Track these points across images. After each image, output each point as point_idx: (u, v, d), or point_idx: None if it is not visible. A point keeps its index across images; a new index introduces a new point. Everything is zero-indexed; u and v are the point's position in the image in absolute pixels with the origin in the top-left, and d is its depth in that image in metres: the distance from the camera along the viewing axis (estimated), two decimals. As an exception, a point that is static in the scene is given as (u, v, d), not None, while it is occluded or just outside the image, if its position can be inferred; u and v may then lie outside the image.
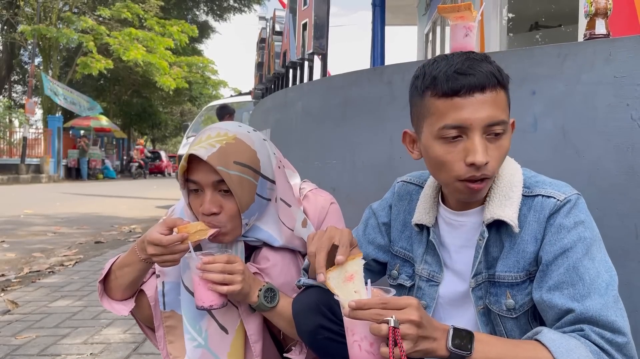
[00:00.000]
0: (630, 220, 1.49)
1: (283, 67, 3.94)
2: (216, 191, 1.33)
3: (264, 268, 1.42)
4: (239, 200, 1.31)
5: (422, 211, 1.25)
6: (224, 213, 1.33)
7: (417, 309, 0.95)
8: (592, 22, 1.65)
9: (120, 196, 11.86)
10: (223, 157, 1.29)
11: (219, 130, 1.36)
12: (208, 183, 1.31)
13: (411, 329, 0.94)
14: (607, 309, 1.00)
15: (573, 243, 1.06)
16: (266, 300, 1.34)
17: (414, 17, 9.32)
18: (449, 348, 0.97)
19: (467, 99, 1.05)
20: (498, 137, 1.07)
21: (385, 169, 2.11)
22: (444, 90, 1.06)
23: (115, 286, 1.42)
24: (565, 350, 0.96)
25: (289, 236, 1.43)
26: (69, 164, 21.62)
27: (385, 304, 0.95)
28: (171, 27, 21.85)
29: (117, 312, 1.44)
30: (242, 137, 1.36)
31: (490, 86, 1.05)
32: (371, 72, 2.33)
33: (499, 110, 1.06)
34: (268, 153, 1.41)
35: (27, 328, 2.58)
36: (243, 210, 1.33)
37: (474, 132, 1.05)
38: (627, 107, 1.50)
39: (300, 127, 2.89)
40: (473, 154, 1.05)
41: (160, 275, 1.46)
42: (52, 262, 4.27)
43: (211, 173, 1.30)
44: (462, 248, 1.21)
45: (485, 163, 1.05)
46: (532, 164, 1.25)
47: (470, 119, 1.05)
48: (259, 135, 1.43)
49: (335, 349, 1.22)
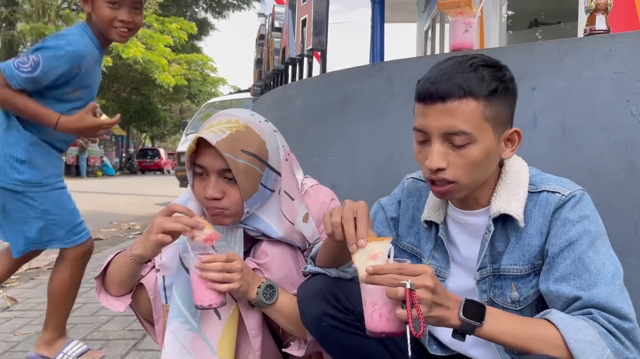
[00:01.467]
0: (630, 216, 1.49)
1: (282, 64, 3.94)
2: (221, 177, 1.33)
3: (263, 263, 1.42)
4: (243, 188, 1.32)
5: (432, 209, 1.27)
6: (226, 199, 1.34)
7: (431, 277, 0.98)
8: (592, 17, 1.64)
9: (119, 194, 11.85)
10: (232, 144, 1.30)
11: (230, 117, 1.36)
12: (214, 169, 1.32)
13: (426, 294, 0.96)
14: (614, 297, 1.02)
15: (578, 235, 1.08)
16: (265, 297, 1.34)
17: (414, 15, 9.31)
18: (461, 318, 0.99)
19: (429, 107, 1.10)
20: (460, 147, 1.10)
21: (384, 165, 2.11)
22: (417, 95, 1.14)
23: (110, 282, 1.43)
24: (574, 329, 0.98)
25: (289, 230, 1.43)
26: (68, 161, 21.58)
27: (401, 269, 0.98)
28: (170, 24, 21.79)
29: (113, 308, 1.44)
30: (252, 125, 1.36)
31: (453, 97, 1.08)
32: (370, 68, 2.33)
33: (458, 120, 1.08)
34: (277, 144, 1.41)
35: (27, 324, 2.57)
36: (246, 199, 1.34)
37: (434, 137, 1.11)
38: (627, 102, 1.50)
39: (299, 124, 2.89)
40: (429, 159, 1.11)
41: (160, 269, 1.46)
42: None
43: (218, 159, 1.31)
44: (469, 244, 1.23)
45: (436, 168, 1.09)
46: (532, 160, 1.25)
47: (429, 126, 1.11)
48: (270, 126, 1.43)
49: (338, 337, 1.23)
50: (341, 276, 1.29)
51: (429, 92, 1.10)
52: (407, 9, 9.03)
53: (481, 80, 1.08)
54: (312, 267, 1.32)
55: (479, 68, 1.10)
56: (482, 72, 1.09)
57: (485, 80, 1.09)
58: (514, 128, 1.16)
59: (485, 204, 1.19)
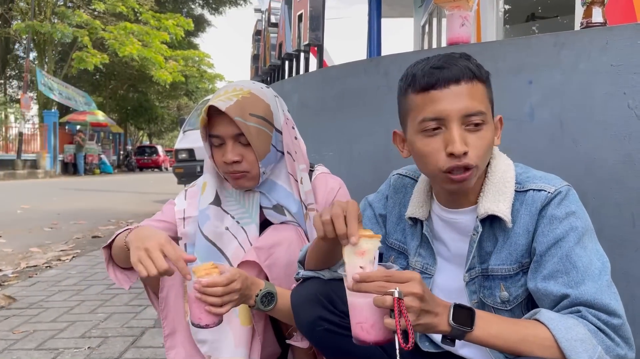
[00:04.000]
0: (628, 209, 1.49)
1: (279, 59, 3.93)
2: (236, 142, 1.44)
3: (270, 247, 1.46)
4: (257, 149, 1.44)
5: (416, 205, 1.26)
6: (244, 161, 1.45)
7: (419, 283, 0.96)
8: (589, 10, 1.64)
9: (117, 191, 11.84)
10: (240, 109, 1.41)
11: (234, 86, 1.48)
12: (229, 135, 1.44)
13: (414, 302, 0.95)
14: (601, 293, 1.02)
15: (565, 232, 1.08)
16: (263, 304, 1.35)
17: (410, 10, 9.29)
18: (451, 323, 0.98)
19: (442, 91, 1.09)
20: (478, 128, 1.09)
21: (382, 160, 2.10)
22: (422, 85, 1.10)
23: (116, 257, 1.50)
24: (564, 328, 0.98)
25: (298, 190, 1.51)
26: (66, 159, 21.54)
27: (389, 277, 0.97)
28: (167, 20, 21.69)
29: (119, 283, 1.51)
30: (256, 91, 1.48)
31: (466, 78, 1.09)
32: (367, 62, 2.32)
33: (475, 101, 1.09)
34: (278, 107, 1.52)
35: (25, 322, 2.57)
36: (260, 159, 1.45)
37: (452, 122, 1.08)
38: (624, 95, 1.49)
39: (296, 119, 2.86)
40: (452, 144, 1.07)
41: (182, 237, 1.54)
42: (49, 257, 4.26)
43: (230, 126, 1.42)
44: (456, 241, 1.22)
45: (463, 152, 1.07)
46: (529, 154, 1.25)
47: (447, 110, 1.08)
48: (271, 91, 1.55)
49: (334, 341, 1.22)
50: (334, 276, 1.28)
51: (439, 77, 1.08)
52: (403, 3, 9.00)
53: (477, 66, 1.12)
54: (305, 272, 1.31)
55: (469, 57, 1.13)
56: (473, 61, 1.13)
57: (479, 66, 1.12)
58: (498, 115, 1.18)
59: (472, 202, 1.18)
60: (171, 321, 1.53)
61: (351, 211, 1.08)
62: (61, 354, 2.14)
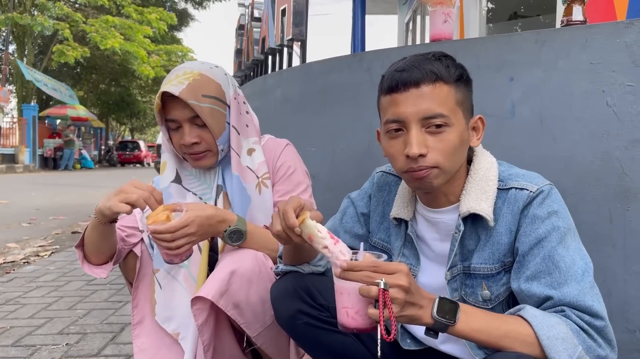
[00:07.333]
0: (605, 205, 1.51)
1: (262, 54, 3.91)
2: (193, 125, 1.48)
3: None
4: (212, 129, 1.48)
5: (401, 205, 1.26)
6: (203, 142, 1.49)
7: (406, 276, 0.97)
8: (570, 8, 1.65)
9: (98, 186, 11.69)
10: (192, 91, 1.44)
11: (185, 69, 1.51)
12: (184, 118, 1.47)
13: (399, 293, 0.95)
14: (584, 294, 1.02)
15: (547, 232, 1.08)
16: (231, 240, 1.44)
17: (394, 6, 9.31)
18: (434, 316, 0.99)
19: (402, 94, 1.11)
20: (440, 130, 1.10)
21: (364, 156, 2.10)
22: (385, 87, 1.14)
23: (89, 251, 1.51)
24: (547, 325, 0.98)
25: (236, 165, 1.55)
26: (45, 154, 21.18)
27: (376, 267, 0.97)
28: (149, 14, 21.44)
29: (97, 276, 1.53)
30: (206, 72, 1.51)
31: (427, 81, 1.10)
32: (350, 58, 2.32)
33: (435, 103, 1.09)
34: (229, 85, 1.55)
35: (2, 318, 2.53)
36: (217, 137, 1.50)
37: (411, 124, 1.10)
38: (602, 93, 1.51)
39: (279, 114, 2.87)
40: (409, 146, 1.09)
41: (144, 230, 1.59)
42: (27, 253, 4.19)
43: (185, 109, 1.46)
44: (439, 241, 1.22)
45: (419, 154, 1.08)
46: (509, 150, 1.26)
47: (406, 113, 1.10)
48: (221, 70, 1.58)
49: (314, 335, 1.23)
50: (314, 271, 1.28)
51: (401, 79, 1.10)
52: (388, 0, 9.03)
53: (447, 67, 1.12)
54: (283, 266, 1.31)
55: (441, 58, 1.13)
56: (446, 61, 1.13)
57: (450, 67, 1.13)
58: (477, 115, 1.18)
59: (454, 201, 1.19)
60: (141, 310, 1.60)
61: (283, 209, 1.10)
62: (38, 351, 2.11)
